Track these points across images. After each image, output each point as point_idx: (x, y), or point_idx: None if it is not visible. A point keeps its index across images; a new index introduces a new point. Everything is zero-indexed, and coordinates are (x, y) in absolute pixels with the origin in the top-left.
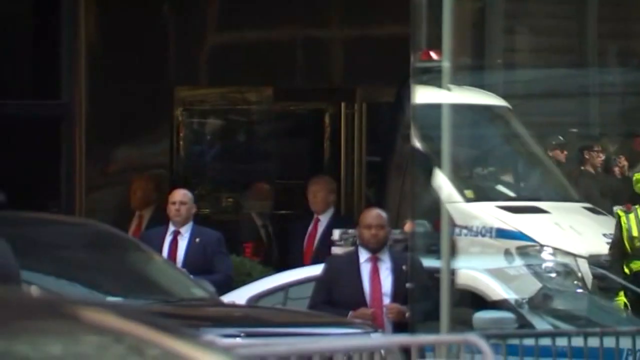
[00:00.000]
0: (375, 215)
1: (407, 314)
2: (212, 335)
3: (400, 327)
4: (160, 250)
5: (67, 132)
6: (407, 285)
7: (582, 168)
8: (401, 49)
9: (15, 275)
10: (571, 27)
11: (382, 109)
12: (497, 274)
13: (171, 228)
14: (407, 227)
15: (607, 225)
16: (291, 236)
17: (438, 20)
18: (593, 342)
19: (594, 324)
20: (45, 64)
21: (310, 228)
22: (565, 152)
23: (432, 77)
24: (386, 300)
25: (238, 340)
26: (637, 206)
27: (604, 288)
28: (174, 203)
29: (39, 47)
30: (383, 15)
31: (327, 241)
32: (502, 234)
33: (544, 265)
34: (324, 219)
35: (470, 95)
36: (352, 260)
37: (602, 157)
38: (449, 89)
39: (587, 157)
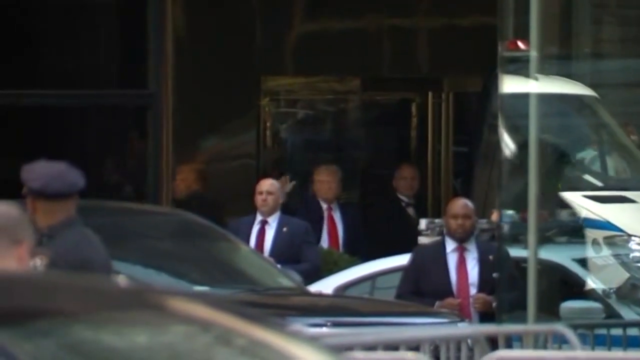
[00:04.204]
0: (461, 205)
1: (493, 304)
2: (299, 325)
3: (487, 317)
4: (247, 240)
5: (153, 122)
6: (494, 275)
7: None
8: (488, 38)
9: (110, 266)
10: None
11: (470, 99)
12: (585, 263)
13: (259, 218)
14: (494, 216)
15: None
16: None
17: (525, 9)
18: None
19: None
20: (133, 53)
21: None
22: None
23: (520, 66)
24: (473, 291)
25: (324, 329)
26: None
27: None
28: (260, 193)
29: (126, 37)
30: (470, 4)
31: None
32: (589, 223)
33: (631, 255)
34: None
35: (558, 85)
36: (439, 250)
37: None
38: (536, 79)
39: None
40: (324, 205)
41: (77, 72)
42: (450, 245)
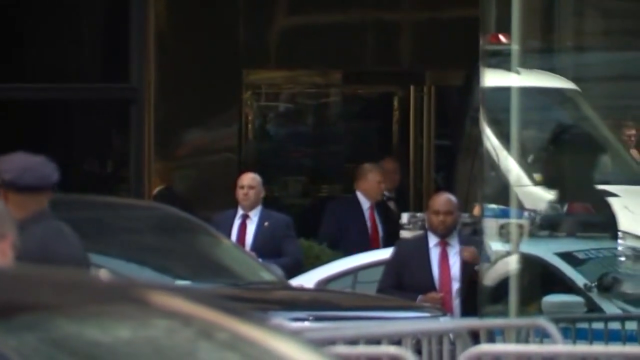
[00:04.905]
0: (444, 201)
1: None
2: (281, 319)
3: (469, 310)
4: (229, 234)
5: (136, 116)
6: (476, 267)
7: None
8: (471, 32)
9: (83, 259)
10: None
11: (452, 92)
12: (566, 257)
13: (240, 212)
14: (476, 210)
15: None
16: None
17: (507, 2)
18: None
19: None
20: (115, 47)
21: (368, 215)
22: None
23: (501, 60)
24: (455, 285)
25: (306, 323)
26: None
27: None
28: (242, 187)
29: (109, 31)
30: None
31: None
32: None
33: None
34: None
35: (540, 78)
36: (421, 244)
37: None
38: (518, 72)
39: None
40: (367, 204)
41: (60, 66)
42: (433, 240)
